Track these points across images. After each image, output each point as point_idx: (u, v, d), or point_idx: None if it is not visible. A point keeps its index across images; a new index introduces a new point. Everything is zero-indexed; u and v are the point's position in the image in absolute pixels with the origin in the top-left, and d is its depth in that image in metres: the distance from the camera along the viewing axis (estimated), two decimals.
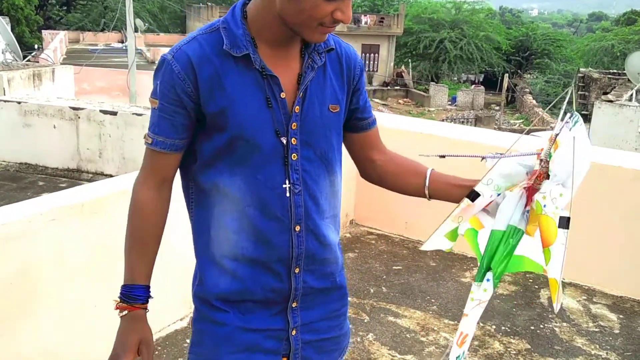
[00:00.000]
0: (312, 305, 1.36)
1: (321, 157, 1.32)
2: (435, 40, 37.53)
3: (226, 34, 1.23)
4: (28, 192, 5.70)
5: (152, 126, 1.27)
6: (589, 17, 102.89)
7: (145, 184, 1.30)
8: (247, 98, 1.22)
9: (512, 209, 1.21)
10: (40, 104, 6.33)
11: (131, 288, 1.29)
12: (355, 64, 1.38)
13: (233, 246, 1.29)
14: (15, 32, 18.02)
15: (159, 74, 1.25)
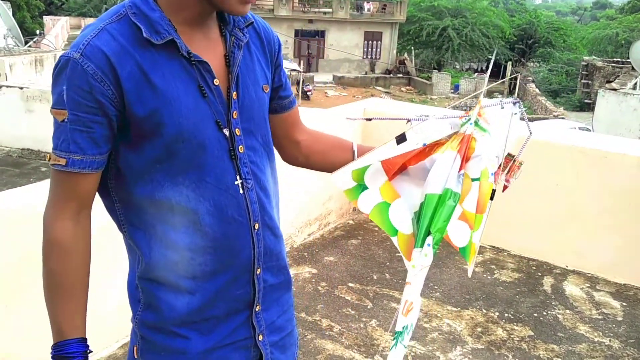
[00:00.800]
0: (270, 304, 1.26)
1: (264, 144, 1.21)
2: (438, 28, 37.31)
3: (140, 20, 1.04)
4: (31, 178, 5.71)
5: (62, 143, 1.03)
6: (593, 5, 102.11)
7: (60, 215, 1.07)
8: (180, 91, 1.05)
9: (447, 172, 1.18)
10: (42, 89, 6.33)
11: (63, 345, 1.08)
12: (273, 37, 1.26)
13: (188, 264, 1.13)
14: (17, 18, 17.96)
15: (62, 78, 1.02)
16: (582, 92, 31.41)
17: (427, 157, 1.22)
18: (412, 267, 1.17)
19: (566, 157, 3.53)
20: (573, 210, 3.54)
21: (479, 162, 1.20)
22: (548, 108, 27.76)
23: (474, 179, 1.20)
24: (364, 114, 4.12)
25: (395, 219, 1.24)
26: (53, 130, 1.05)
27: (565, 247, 3.61)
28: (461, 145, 1.19)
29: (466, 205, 1.19)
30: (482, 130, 1.22)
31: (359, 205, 1.27)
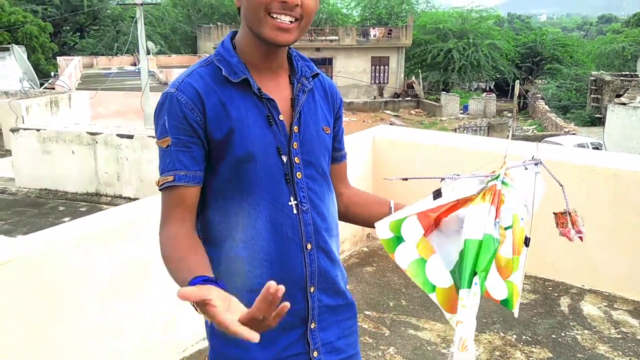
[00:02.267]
0: (328, 324, 1.37)
1: (323, 176, 1.36)
2: (443, 50, 37.60)
3: (222, 64, 1.27)
4: (49, 218, 5.82)
5: (169, 164, 1.23)
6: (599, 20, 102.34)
7: (168, 224, 1.24)
8: (250, 120, 1.25)
9: (484, 220, 1.27)
10: (59, 130, 6.48)
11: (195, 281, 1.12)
12: (336, 93, 1.46)
13: (246, 277, 1.27)
14: (32, 60, 18.43)
15: (163, 111, 1.23)
16: (592, 107, 31.31)
17: (460, 209, 1.32)
18: (462, 307, 1.24)
19: (577, 176, 3.55)
20: (587, 228, 3.53)
21: (510, 212, 1.30)
22: (559, 124, 27.69)
23: (507, 227, 1.30)
24: (373, 142, 4.18)
25: (432, 275, 1.31)
26: (159, 159, 1.25)
27: (581, 267, 3.61)
28: (493, 198, 1.29)
29: (502, 252, 1.29)
30: (508, 186, 1.32)
31: (396, 259, 1.34)
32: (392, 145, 4.21)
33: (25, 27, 27.99)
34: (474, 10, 42.71)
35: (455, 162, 3.93)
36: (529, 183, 1.35)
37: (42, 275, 2.25)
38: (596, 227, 3.52)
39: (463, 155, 3.92)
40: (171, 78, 23.07)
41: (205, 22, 39.02)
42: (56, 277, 2.30)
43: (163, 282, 2.72)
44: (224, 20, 38.50)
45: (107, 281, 2.50)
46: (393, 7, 44.22)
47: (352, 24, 40.27)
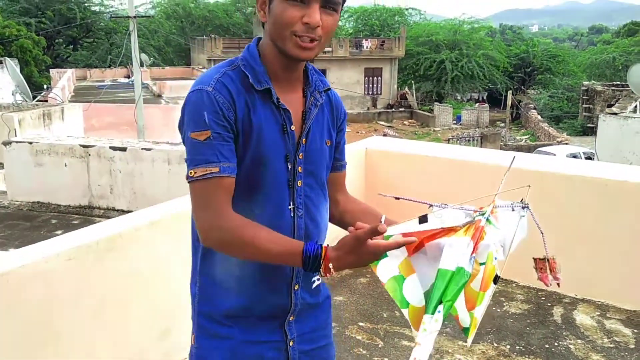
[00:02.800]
0: (304, 317, 1.49)
1: (321, 186, 1.48)
2: (435, 61, 37.84)
3: (248, 71, 1.36)
4: (42, 231, 5.79)
5: (211, 156, 1.28)
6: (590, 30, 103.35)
7: (224, 215, 1.30)
8: (268, 126, 1.36)
9: (461, 253, 1.35)
10: (51, 143, 6.46)
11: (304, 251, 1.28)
12: (341, 106, 1.55)
13: (240, 267, 1.39)
14: (24, 73, 18.44)
15: (202, 106, 1.29)
16: (584, 117, 31.53)
17: (442, 238, 1.38)
18: (423, 330, 1.30)
19: (568, 186, 3.58)
20: (579, 238, 3.56)
21: (487, 249, 1.36)
22: (551, 134, 27.85)
23: (482, 263, 1.37)
24: (365, 153, 4.19)
25: (407, 293, 1.38)
26: (193, 151, 1.30)
27: (573, 276, 3.62)
28: (475, 233, 1.36)
29: (472, 285, 1.36)
30: (491, 225, 1.39)
31: (377, 272, 1.39)
32: (385, 157, 4.23)
33: (20, 41, 27.97)
34: (466, 21, 43.09)
35: (449, 174, 3.95)
36: (512, 225, 1.41)
37: (34, 289, 2.24)
38: (588, 236, 3.54)
39: (457, 166, 3.94)
40: (165, 90, 23.09)
41: (198, 34, 39.14)
42: (49, 291, 2.29)
43: (156, 294, 2.72)
44: (217, 33, 38.62)
45: (100, 294, 2.48)
46: (386, 19, 44.54)
47: (345, 36, 40.47)
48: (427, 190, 3.96)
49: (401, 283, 1.38)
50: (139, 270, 2.62)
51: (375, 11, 45.75)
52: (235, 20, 42.87)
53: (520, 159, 4.03)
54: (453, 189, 3.79)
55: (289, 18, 1.29)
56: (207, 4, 44.74)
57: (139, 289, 2.63)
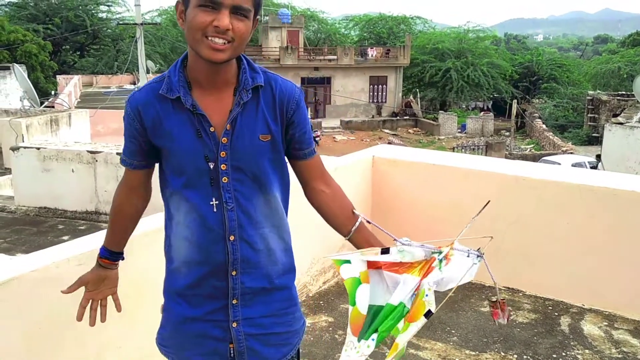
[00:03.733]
0: (253, 303, 1.60)
1: (253, 179, 1.55)
2: (441, 70, 37.89)
3: (166, 82, 1.51)
4: (48, 236, 5.81)
5: (123, 149, 1.62)
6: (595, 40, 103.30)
7: (120, 190, 1.70)
8: (181, 133, 1.50)
9: (407, 291, 1.51)
10: (59, 149, 6.50)
11: (100, 249, 1.78)
12: (289, 99, 1.58)
13: (184, 251, 1.58)
14: (31, 78, 18.53)
15: (125, 110, 1.57)
16: (589, 127, 31.48)
17: (400, 273, 1.54)
18: (356, 351, 1.51)
19: (575, 195, 3.57)
20: (586, 248, 3.55)
21: (423, 286, 1.52)
22: (556, 143, 27.82)
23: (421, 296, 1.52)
24: (372, 161, 4.20)
25: (358, 295, 1.55)
26: None
27: (580, 286, 3.61)
28: (424, 273, 1.52)
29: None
30: (439, 267, 1.52)
31: (340, 270, 1.58)
32: (392, 165, 4.23)
33: (25, 46, 28.15)
34: (471, 30, 43.16)
35: (454, 182, 3.95)
36: (462, 269, 1.53)
37: (45, 293, 2.25)
38: (595, 246, 3.53)
39: (462, 175, 3.94)
40: None
41: None
42: (59, 295, 2.30)
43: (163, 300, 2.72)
44: None
45: (111, 300, 2.49)
46: (391, 27, 44.67)
47: (350, 44, 40.60)
48: (434, 198, 3.97)
49: (357, 285, 1.55)
50: (147, 275, 2.63)
51: (380, 19, 45.90)
52: None
53: (528, 168, 4.03)
54: (459, 197, 3.80)
55: (201, 22, 1.40)
56: None
57: (147, 294, 2.64)
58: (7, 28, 28.62)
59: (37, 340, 2.24)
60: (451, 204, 3.83)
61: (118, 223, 1.73)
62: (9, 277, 2.14)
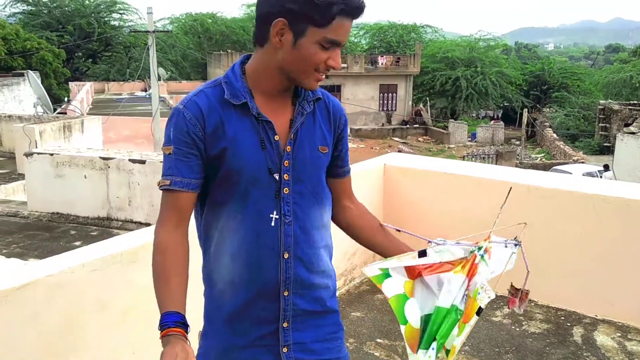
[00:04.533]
0: (305, 326, 1.52)
1: (312, 192, 1.50)
2: (451, 78, 37.86)
3: (227, 87, 1.44)
4: (60, 242, 5.85)
5: (168, 170, 1.42)
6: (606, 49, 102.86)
7: (164, 226, 1.44)
8: (245, 140, 1.42)
9: (456, 291, 1.47)
10: (72, 155, 6.55)
11: (161, 317, 1.38)
12: (340, 115, 1.58)
13: (229, 271, 1.47)
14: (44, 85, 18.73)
15: (171, 123, 1.43)
16: (600, 136, 31.29)
17: (441, 273, 1.49)
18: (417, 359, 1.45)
19: (588, 205, 3.55)
20: (599, 258, 3.53)
21: (475, 285, 1.48)
22: (567, 152, 27.68)
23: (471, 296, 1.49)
24: (384, 169, 4.21)
25: (407, 311, 1.50)
26: (164, 163, 1.44)
27: (593, 296, 3.59)
28: (470, 270, 1.48)
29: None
30: (483, 261, 1.50)
31: (383, 289, 1.52)
32: (403, 173, 4.24)
33: (40, 53, 28.47)
34: (482, 39, 43.12)
35: (466, 190, 3.95)
36: (503, 260, 1.53)
37: (60, 298, 2.27)
38: (608, 256, 3.51)
39: (473, 184, 3.93)
40: None
41: (215, 49, 39.58)
42: (74, 300, 2.32)
43: None
44: (234, 48, 39.05)
45: (123, 305, 2.51)
46: (401, 35, 44.73)
47: (360, 52, 40.69)
48: (445, 207, 3.96)
49: (404, 302, 1.49)
50: None
51: (391, 28, 45.99)
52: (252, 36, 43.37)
53: (539, 177, 4.02)
54: (470, 206, 3.79)
55: (319, 60, 1.38)
56: (224, 20, 45.33)
57: None
58: (22, 36, 28.96)
59: (52, 345, 2.26)
60: (462, 212, 3.82)
61: (175, 271, 1.41)
62: (25, 281, 2.16)
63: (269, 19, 1.37)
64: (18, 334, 2.14)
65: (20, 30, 29.47)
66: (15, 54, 27.67)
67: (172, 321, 1.34)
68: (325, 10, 1.33)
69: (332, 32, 1.36)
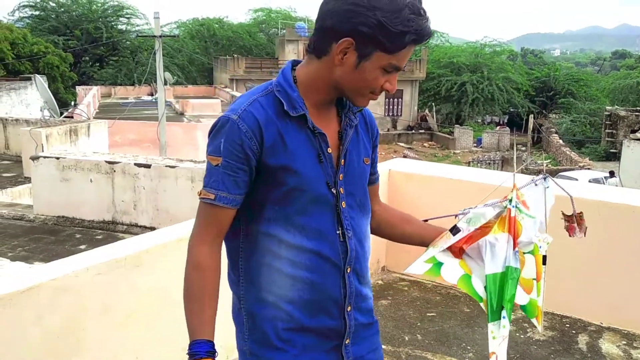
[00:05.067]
0: (359, 339, 1.49)
1: (360, 204, 1.48)
2: (457, 83, 37.83)
3: (282, 97, 1.36)
4: (66, 245, 5.87)
5: (214, 182, 1.33)
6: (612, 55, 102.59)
7: (202, 239, 1.36)
8: (304, 154, 1.36)
9: (504, 252, 1.41)
10: (78, 158, 6.58)
11: (192, 344, 1.33)
12: (375, 125, 1.58)
13: (288, 289, 1.38)
14: (51, 89, 18.85)
15: (222, 133, 1.32)
16: (607, 142, 31.17)
17: (481, 239, 1.44)
18: (493, 338, 1.39)
19: (594, 212, 3.53)
20: (605, 265, 3.51)
21: (529, 244, 1.43)
22: (573, 159, 27.56)
23: (527, 252, 1.44)
24: (389, 175, 4.20)
25: (477, 288, 1.47)
26: (206, 172, 1.36)
27: (599, 304, 3.57)
28: (509, 226, 1.42)
29: (524, 274, 1.43)
30: (522, 213, 1.44)
31: (444, 278, 1.48)
32: (408, 179, 4.23)
33: (47, 58, 28.64)
34: (488, 44, 43.08)
35: (471, 196, 3.93)
36: (540, 199, 1.46)
37: (64, 301, 2.28)
38: (614, 263, 3.49)
39: (478, 189, 3.92)
40: (187, 108, 23.39)
41: (222, 54, 39.69)
42: (78, 303, 2.33)
43: (180, 311, 2.73)
44: (240, 53, 39.14)
45: (127, 308, 2.52)
46: None
47: None
48: (451, 213, 3.95)
49: (469, 280, 1.46)
50: (165, 286, 2.65)
51: None
52: (258, 41, 43.51)
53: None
54: None
55: (377, 83, 1.35)
56: (231, 24, 45.47)
57: (164, 305, 2.66)
58: (30, 40, 29.15)
59: (55, 347, 2.26)
60: None
61: (211, 293, 1.36)
62: (29, 285, 2.17)
63: (334, 34, 1.30)
64: (22, 337, 2.15)
65: (28, 35, 29.67)
66: (22, 58, 27.85)
67: (205, 351, 1.31)
68: (398, 38, 1.29)
69: (398, 59, 1.33)
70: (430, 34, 1.35)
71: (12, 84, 16.47)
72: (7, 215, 6.89)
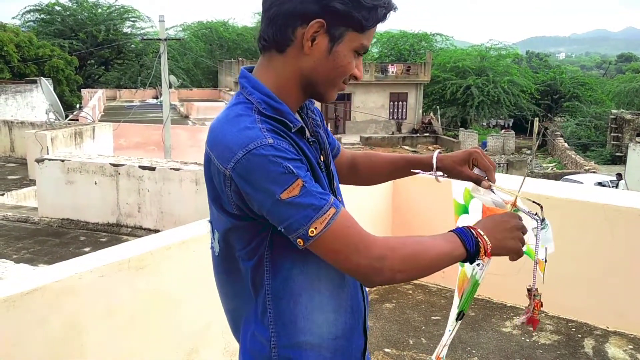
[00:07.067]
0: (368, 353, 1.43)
1: None
2: (461, 87, 37.81)
3: (275, 113, 1.16)
4: (70, 247, 5.88)
5: (320, 200, 1.09)
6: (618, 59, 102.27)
7: (371, 241, 1.12)
8: (317, 169, 1.21)
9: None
10: (83, 161, 6.59)
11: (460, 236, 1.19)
12: (318, 110, 1.41)
13: (332, 325, 1.24)
14: (57, 92, 18.93)
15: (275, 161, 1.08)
16: (612, 146, 31.08)
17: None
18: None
19: (600, 215, 3.52)
20: (611, 268, 3.49)
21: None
22: (578, 162, 27.49)
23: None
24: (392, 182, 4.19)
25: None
26: (295, 209, 1.08)
27: (605, 308, 3.54)
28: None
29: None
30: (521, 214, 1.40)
31: (457, 223, 1.48)
32: (412, 180, 4.22)
33: (52, 61, 28.77)
34: (493, 48, 43.04)
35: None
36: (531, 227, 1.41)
37: (67, 303, 2.27)
38: (620, 267, 3.46)
39: (482, 191, 3.90)
40: (192, 111, 23.46)
41: (227, 57, 39.80)
42: (81, 305, 2.32)
43: (184, 314, 2.73)
44: (245, 56, 39.25)
45: (130, 311, 2.51)
46: (412, 44, 44.75)
47: (370, 60, 40.72)
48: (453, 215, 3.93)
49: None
50: (169, 288, 2.65)
51: (401, 37, 46.05)
52: None
53: (550, 186, 3.98)
54: None
55: (351, 69, 1.20)
56: (236, 27, 45.61)
57: (168, 307, 2.65)
58: (35, 43, 29.30)
59: (58, 350, 2.25)
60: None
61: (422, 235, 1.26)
62: (33, 287, 2.16)
63: (297, 18, 1.13)
64: (25, 339, 2.14)
65: (33, 38, 29.82)
66: (28, 61, 27.99)
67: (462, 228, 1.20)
68: (371, 13, 1.15)
69: (369, 38, 1.19)
70: (395, 10, 1.21)
71: (17, 87, 16.56)
72: (12, 218, 6.91)
